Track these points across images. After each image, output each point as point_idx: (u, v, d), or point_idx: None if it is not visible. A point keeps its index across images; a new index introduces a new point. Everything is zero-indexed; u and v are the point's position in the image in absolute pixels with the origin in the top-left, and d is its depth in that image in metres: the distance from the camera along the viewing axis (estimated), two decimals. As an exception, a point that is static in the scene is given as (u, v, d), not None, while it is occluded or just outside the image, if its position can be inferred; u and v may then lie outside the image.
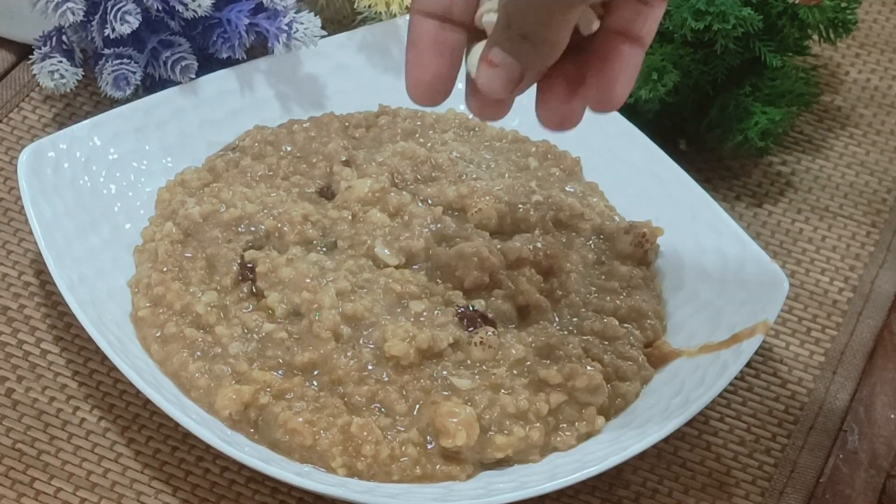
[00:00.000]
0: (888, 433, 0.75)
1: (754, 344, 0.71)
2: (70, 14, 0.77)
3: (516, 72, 0.58)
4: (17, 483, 0.69)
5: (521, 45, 0.57)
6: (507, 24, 0.57)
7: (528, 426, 0.68)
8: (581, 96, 0.60)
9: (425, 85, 0.60)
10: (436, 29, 0.59)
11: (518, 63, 0.58)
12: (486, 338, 0.70)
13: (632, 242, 0.77)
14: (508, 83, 0.58)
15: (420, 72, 0.60)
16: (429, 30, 0.59)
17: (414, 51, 0.60)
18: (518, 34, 0.57)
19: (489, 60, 0.58)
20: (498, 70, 0.58)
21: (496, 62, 0.58)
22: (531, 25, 0.56)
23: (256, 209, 0.74)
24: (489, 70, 0.58)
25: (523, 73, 0.58)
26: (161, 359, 0.70)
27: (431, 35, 0.59)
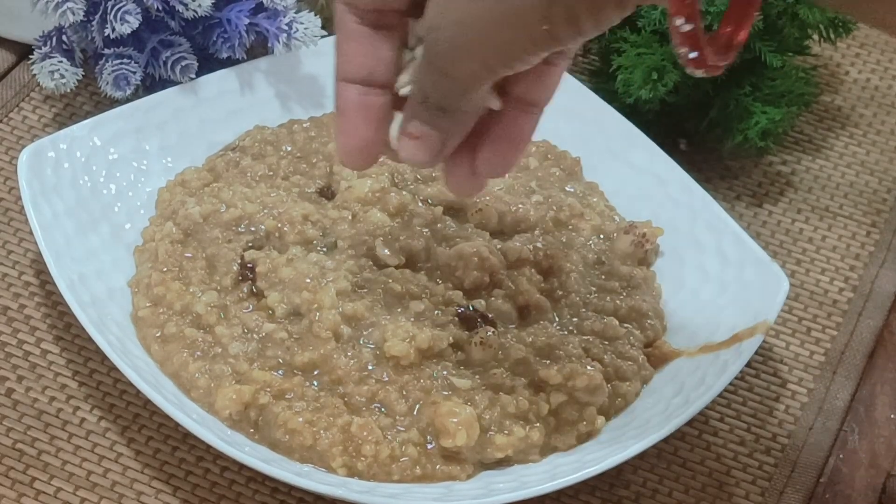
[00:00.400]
0: (888, 433, 0.75)
1: (754, 344, 0.71)
2: (70, 14, 0.77)
3: (438, 141, 0.59)
4: (17, 483, 0.69)
5: (439, 116, 0.58)
6: (424, 99, 0.58)
7: (528, 426, 0.68)
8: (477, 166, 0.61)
9: (356, 151, 0.61)
10: (360, 94, 0.60)
11: (438, 133, 0.59)
12: (486, 338, 0.70)
13: (632, 242, 0.77)
14: (432, 152, 0.59)
15: (349, 138, 0.61)
16: (353, 96, 0.60)
17: (341, 118, 0.61)
18: (435, 107, 0.58)
19: (409, 133, 0.59)
20: (420, 142, 0.59)
21: (417, 134, 0.59)
22: (447, 99, 0.58)
23: (256, 209, 0.74)
24: (411, 143, 0.59)
25: (445, 141, 0.59)
26: (161, 359, 0.70)
27: (356, 101, 0.60)
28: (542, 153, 0.81)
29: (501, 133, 0.60)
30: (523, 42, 0.54)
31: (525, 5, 0.52)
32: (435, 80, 0.57)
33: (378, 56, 0.60)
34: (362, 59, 0.60)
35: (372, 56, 0.60)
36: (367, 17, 0.59)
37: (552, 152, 0.81)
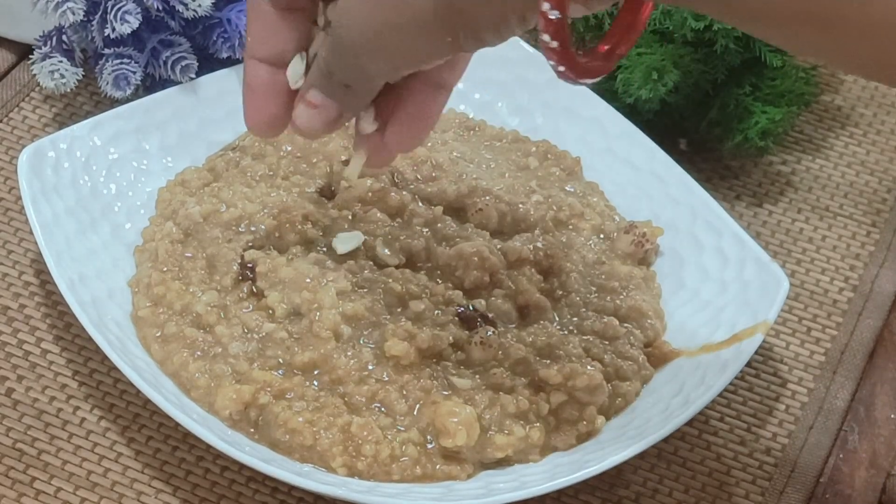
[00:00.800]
0: (888, 433, 0.75)
1: (754, 344, 0.71)
2: (70, 14, 0.77)
3: (335, 112, 0.60)
4: (17, 483, 0.69)
5: (342, 91, 0.60)
6: (329, 73, 0.59)
7: (529, 426, 0.68)
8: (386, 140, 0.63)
9: (263, 125, 0.63)
10: (269, 73, 0.62)
11: (337, 105, 0.60)
12: (486, 338, 0.70)
13: (632, 242, 0.77)
14: (327, 122, 0.61)
15: (256, 114, 0.63)
16: (262, 74, 0.62)
17: (250, 94, 0.63)
18: (339, 83, 0.59)
19: (308, 101, 0.60)
20: (318, 110, 0.60)
21: (316, 103, 0.60)
22: (353, 80, 0.59)
23: (256, 209, 0.74)
24: (308, 110, 0.61)
25: (342, 113, 0.61)
26: (161, 358, 0.70)
27: (265, 80, 0.62)
28: (542, 153, 0.81)
29: (410, 111, 0.62)
30: (427, 49, 0.56)
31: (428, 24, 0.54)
32: (342, 63, 0.58)
33: (288, 37, 0.61)
34: (273, 40, 0.61)
35: (282, 37, 0.61)
36: (279, 2, 0.61)
37: (552, 152, 0.81)
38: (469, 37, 0.54)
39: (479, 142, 0.81)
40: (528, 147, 0.81)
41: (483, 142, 0.82)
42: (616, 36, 0.56)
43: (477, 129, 0.82)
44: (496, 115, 0.83)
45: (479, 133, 0.82)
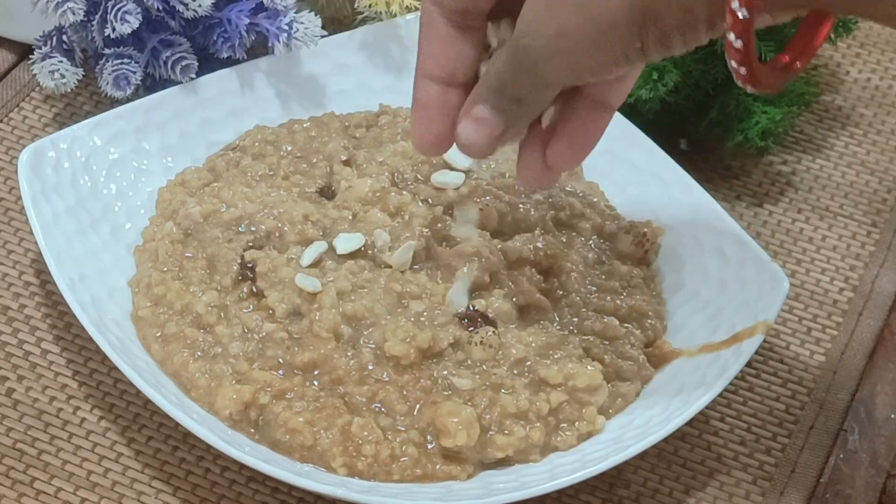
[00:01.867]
0: (889, 433, 0.75)
1: (755, 344, 0.71)
2: (70, 14, 0.77)
3: (500, 128, 0.61)
4: (17, 483, 0.69)
5: (511, 105, 0.60)
6: (502, 86, 0.60)
7: (529, 426, 0.68)
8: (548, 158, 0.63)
9: (430, 143, 0.64)
10: (441, 93, 0.63)
11: (503, 121, 0.61)
12: (486, 338, 0.70)
13: (632, 242, 0.77)
14: (492, 138, 0.61)
15: (426, 131, 0.64)
16: (433, 93, 0.63)
17: (420, 111, 0.63)
18: (510, 97, 0.60)
19: (474, 117, 0.61)
20: (484, 126, 0.61)
21: (482, 118, 0.61)
22: (526, 92, 0.59)
23: (257, 209, 0.74)
24: (474, 126, 0.61)
25: (506, 130, 0.61)
26: (161, 358, 0.70)
27: (436, 99, 0.63)
28: (542, 153, 0.81)
29: (575, 130, 0.62)
30: (615, 57, 0.56)
31: (620, 26, 0.54)
32: (518, 75, 0.59)
33: (461, 57, 0.62)
34: (445, 60, 0.62)
35: (455, 57, 0.62)
36: (454, 18, 0.61)
37: (552, 152, 0.81)
38: (657, 43, 0.55)
39: (480, 142, 0.81)
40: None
41: (483, 142, 0.81)
42: (796, 49, 0.58)
43: (477, 129, 0.82)
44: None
45: (479, 133, 0.82)
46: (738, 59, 0.53)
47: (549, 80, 0.59)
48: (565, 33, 0.56)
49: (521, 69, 0.58)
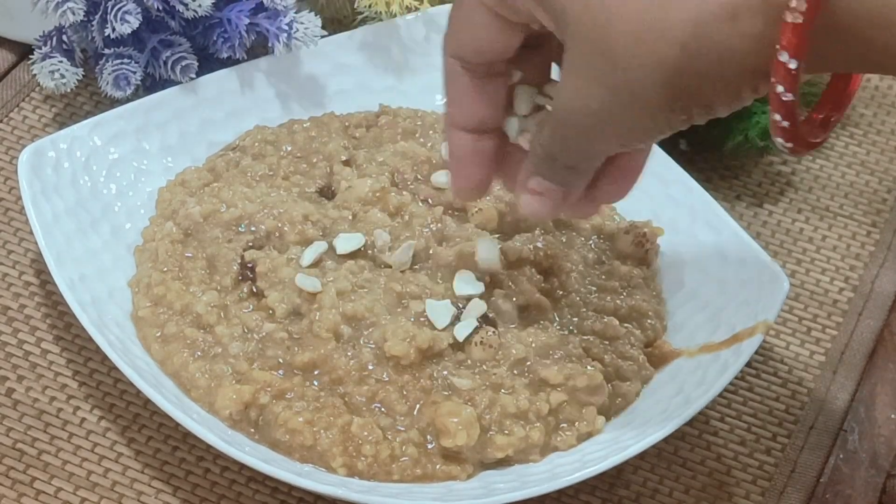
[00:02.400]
0: (888, 433, 0.75)
1: (754, 344, 0.71)
2: (70, 14, 0.77)
3: (561, 195, 0.62)
4: (17, 483, 0.69)
5: (566, 173, 0.61)
6: (552, 157, 0.60)
7: (529, 426, 0.68)
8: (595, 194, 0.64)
9: (471, 192, 0.66)
10: (473, 142, 0.64)
11: (561, 188, 0.61)
12: (486, 338, 0.70)
13: (632, 242, 0.77)
14: (555, 206, 0.62)
15: (465, 182, 0.65)
16: (467, 143, 0.64)
17: (456, 163, 0.65)
18: (563, 166, 0.60)
19: (532, 190, 0.62)
20: (543, 197, 0.62)
21: (541, 191, 0.62)
22: (577, 161, 0.60)
23: (256, 209, 0.74)
24: (534, 198, 0.62)
25: (567, 194, 0.62)
26: (161, 358, 0.70)
27: (470, 149, 0.64)
28: (542, 153, 0.81)
29: (620, 167, 0.62)
30: (661, 129, 0.57)
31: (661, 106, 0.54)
32: (566, 149, 0.59)
33: (489, 105, 0.63)
34: (474, 109, 0.63)
35: (482, 106, 0.63)
36: (478, 69, 0.62)
37: (552, 152, 0.81)
38: (702, 112, 0.55)
39: (480, 142, 0.81)
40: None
41: (483, 142, 0.82)
42: (828, 105, 0.58)
43: (477, 129, 0.82)
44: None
45: (479, 133, 0.82)
46: (784, 137, 0.53)
47: (598, 150, 0.59)
48: (607, 112, 0.56)
49: (569, 142, 0.59)
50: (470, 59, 0.61)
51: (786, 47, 0.50)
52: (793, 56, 0.51)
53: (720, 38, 0.52)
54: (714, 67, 0.53)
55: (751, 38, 0.52)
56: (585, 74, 0.55)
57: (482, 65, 0.62)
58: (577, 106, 0.57)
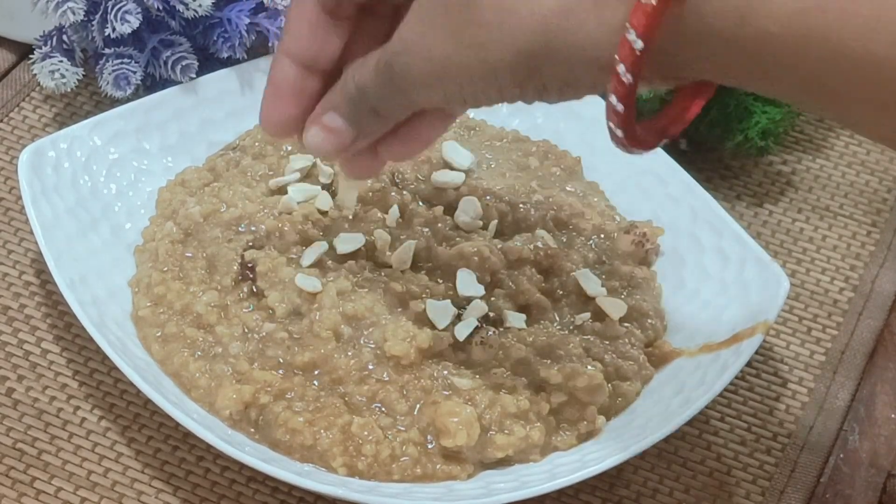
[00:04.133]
0: (889, 432, 0.75)
1: (755, 343, 0.71)
2: (70, 14, 0.77)
3: (349, 138, 0.60)
4: (17, 482, 0.69)
5: (367, 117, 0.59)
6: (363, 95, 0.58)
7: (529, 426, 0.68)
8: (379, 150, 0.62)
9: (277, 125, 0.62)
10: (299, 76, 0.61)
11: (355, 132, 0.59)
12: (486, 337, 0.70)
13: (632, 242, 0.77)
14: (339, 148, 0.60)
15: (276, 113, 0.62)
16: (290, 74, 0.61)
17: (272, 90, 0.61)
18: (369, 109, 0.58)
19: (325, 125, 0.59)
20: (333, 136, 0.59)
21: (333, 128, 0.59)
22: (387, 107, 0.58)
23: (257, 209, 0.74)
24: (323, 133, 0.60)
25: (356, 139, 0.60)
26: (162, 358, 0.70)
27: (293, 81, 0.61)
28: (542, 153, 0.81)
29: (413, 131, 0.61)
30: (492, 93, 0.55)
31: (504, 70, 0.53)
32: (384, 92, 0.57)
33: (326, 44, 0.60)
34: (310, 44, 0.60)
35: (321, 43, 0.60)
36: (327, 3, 0.60)
37: (552, 152, 0.81)
38: (535, 92, 0.54)
39: (480, 142, 0.81)
40: (528, 147, 0.81)
41: (483, 142, 0.82)
42: (669, 118, 0.58)
43: (477, 128, 0.82)
44: (496, 114, 0.83)
45: (479, 133, 0.82)
46: (615, 122, 0.52)
47: (417, 101, 0.57)
48: (447, 62, 0.54)
49: (390, 87, 0.57)
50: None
51: (635, 26, 0.49)
52: (640, 35, 0.50)
53: (580, 23, 0.51)
54: (565, 51, 0.52)
55: (607, 28, 0.51)
56: (436, 22, 0.54)
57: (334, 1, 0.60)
58: (416, 49, 0.55)
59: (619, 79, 0.51)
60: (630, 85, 0.51)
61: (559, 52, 0.52)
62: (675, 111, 0.58)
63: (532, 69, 0.53)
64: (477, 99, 0.56)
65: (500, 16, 0.52)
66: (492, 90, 0.55)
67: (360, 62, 0.59)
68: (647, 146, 0.55)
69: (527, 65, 0.53)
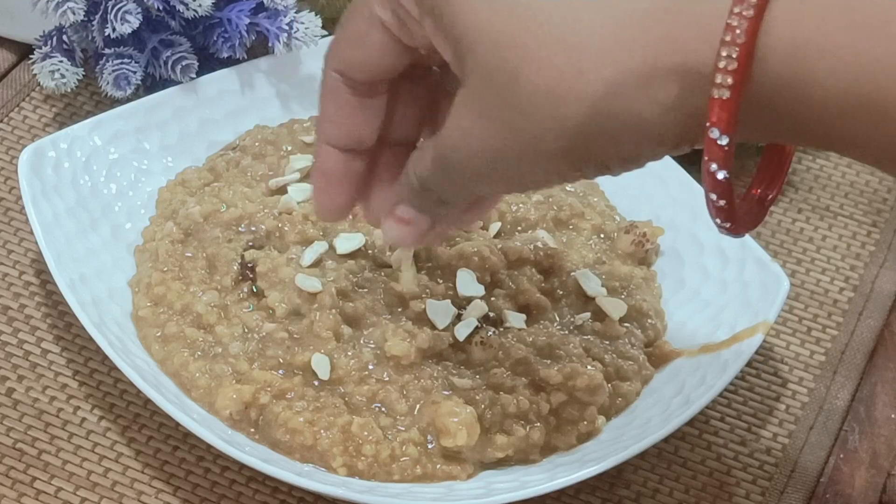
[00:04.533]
0: (889, 432, 0.75)
1: (755, 344, 0.71)
2: (70, 14, 0.77)
3: (426, 225, 0.59)
4: (17, 483, 0.69)
5: (437, 206, 0.58)
6: (427, 189, 0.57)
7: (529, 426, 0.68)
8: None
9: (334, 212, 0.62)
10: (345, 161, 0.61)
11: (429, 220, 0.59)
12: (486, 338, 0.70)
13: (632, 242, 0.77)
14: (418, 236, 0.60)
15: (329, 200, 0.62)
16: (334, 162, 0.61)
17: (321, 179, 0.61)
18: (436, 200, 0.58)
19: (399, 218, 0.59)
20: (408, 226, 0.59)
21: (407, 220, 0.59)
22: (456, 197, 0.58)
23: (257, 209, 0.74)
24: (399, 225, 0.60)
25: (434, 226, 0.60)
26: (161, 358, 0.70)
27: (341, 167, 0.61)
28: (542, 153, 0.81)
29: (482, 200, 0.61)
30: (552, 178, 0.54)
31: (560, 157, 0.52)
32: (444, 184, 0.57)
33: (366, 125, 0.60)
34: (350, 128, 0.60)
35: (360, 126, 0.60)
36: (360, 88, 0.59)
37: (552, 152, 0.81)
38: (596, 170, 0.53)
39: (480, 142, 0.81)
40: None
41: (483, 142, 0.81)
42: (765, 179, 0.56)
43: (477, 128, 0.82)
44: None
45: (479, 133, 0.82)
46: (723, 217, 0.52)
47: (477, 191, 0.57)
48: (500, 154, 0.53)
49: (448, 181, 0.56)
50: (354, 76, 0.59)
51: (716, 124, 0.48)
52: (724, 132, 0.49)
53: (631, 103, 0.50)
54: (619, 131, 0.51)
55: (662, 106, 0.50)
56: (483, 115, 0.53)
57: (365, 83, 0.59)
58: (466, 145, 0.54)
59: (714, 177, 0.50)
60: (726, 181, 0.50)
61: (612, 134, 0.51)
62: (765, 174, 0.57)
63: (589, 152, 0.52)
64: (537, 184, 0.55)
65: (549, 105, 0.51)
66: (552, 175, 0.54)
67: (418, 155, 0.58)
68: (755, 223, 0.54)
69: (583, 149, 0.52)
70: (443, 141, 0.55)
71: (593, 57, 0.50)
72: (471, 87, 0.53)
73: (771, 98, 0.49)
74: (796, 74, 0.48)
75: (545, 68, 0.50)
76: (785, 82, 0.48)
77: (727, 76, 0.48)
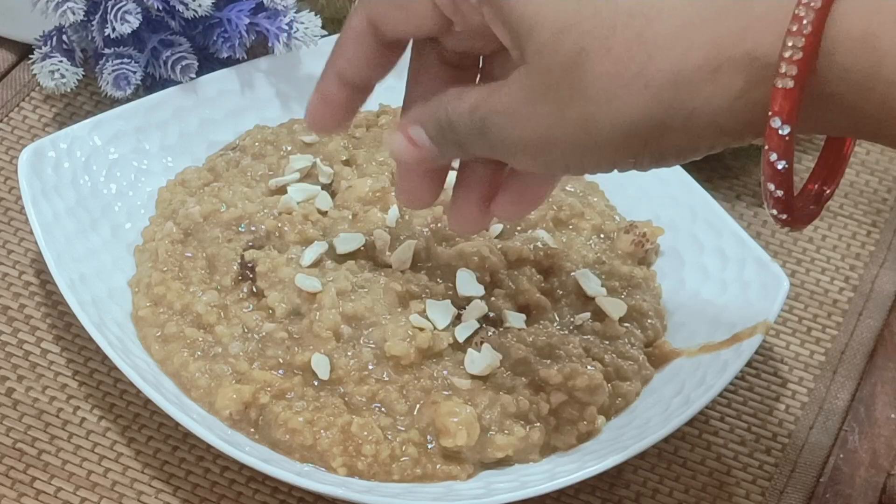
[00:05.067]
0: (888, 432, 0.75)
1: (754, 343, 0.71)
2: (70, 14, 0.77)
3: (431, 156, 0.59)
4: (17, 483, 0.69)
5: (452, 147, 0.58)
6: (448, 129, 0.57)
7: (529, 426, 0.68)
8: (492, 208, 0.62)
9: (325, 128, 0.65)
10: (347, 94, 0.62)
11: (438, 153, 0.59)
12: (486, 338, 0.70)
13: (632, 242, 0.77)
14: (419, 160, 0.59)
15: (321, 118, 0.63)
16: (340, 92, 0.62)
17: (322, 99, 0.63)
18: (455, 140, 0.57)
19: (409, 137, 0.59)
20: (416, 149, 0.59)
21: (417, 141, 0.59)
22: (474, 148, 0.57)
23: (257, 209, 0.74)
24: (407, 145, 0.59)
25: (438, 160, 0.59)
26: (161, 358, 0.70)
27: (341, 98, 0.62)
28: (542, 153, 0.81)
29: (525, 188, 0.61)
30: (603, 165, 0.54)
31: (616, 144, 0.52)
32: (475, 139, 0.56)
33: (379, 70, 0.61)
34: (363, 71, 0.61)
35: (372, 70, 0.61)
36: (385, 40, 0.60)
37: (552, 152, 0.81)
38: (652, 160, 0.53)
39: (480, 142, 0.81)
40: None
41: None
42: (822, 175, 0.56)
43: (477, 128, 0.82)
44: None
45: (479, 133, 0.82)
46: (780, 208, 0.51)
47: (507, 159, 0.57)
48: (550, 134, 0.53)
49: (480, 138, 0.56)
50: (385, 31, 0.59)
51: (778, 113, 0.49)
52: (785, 122, 0.49)
53: (696, 93, 0.50)
54: (682, 121, 0.51)
55: (727, 97, 0.50)
56: (539, 92, 0.53)
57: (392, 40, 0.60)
58: (517, 116, 0.54)
59: (773, 167, 0.50)
60: (786, 171, 0.50)
61: (675, 123, 0.51)
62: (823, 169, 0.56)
63: (647, 141, 0.52)
64: (583, 168, 0.55)
65: (610, 91, 0.51)
66: (603, 162, 0.54)
67: (458, 94, 0.57)
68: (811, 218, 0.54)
69: (642, 138, 0.52)
70: (491, 104, 0.55)
71: (662, 44, 0.50)
72: (533, 69, 0.53)
73: (835, 91, 0.49)
74: (862, 69, 0.48)
75: (611, 55, 0.50)
76: (850, 76, 0.48)
77: (792, 66, 0.48)
